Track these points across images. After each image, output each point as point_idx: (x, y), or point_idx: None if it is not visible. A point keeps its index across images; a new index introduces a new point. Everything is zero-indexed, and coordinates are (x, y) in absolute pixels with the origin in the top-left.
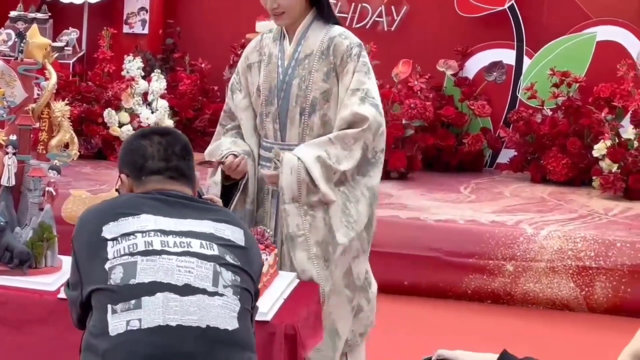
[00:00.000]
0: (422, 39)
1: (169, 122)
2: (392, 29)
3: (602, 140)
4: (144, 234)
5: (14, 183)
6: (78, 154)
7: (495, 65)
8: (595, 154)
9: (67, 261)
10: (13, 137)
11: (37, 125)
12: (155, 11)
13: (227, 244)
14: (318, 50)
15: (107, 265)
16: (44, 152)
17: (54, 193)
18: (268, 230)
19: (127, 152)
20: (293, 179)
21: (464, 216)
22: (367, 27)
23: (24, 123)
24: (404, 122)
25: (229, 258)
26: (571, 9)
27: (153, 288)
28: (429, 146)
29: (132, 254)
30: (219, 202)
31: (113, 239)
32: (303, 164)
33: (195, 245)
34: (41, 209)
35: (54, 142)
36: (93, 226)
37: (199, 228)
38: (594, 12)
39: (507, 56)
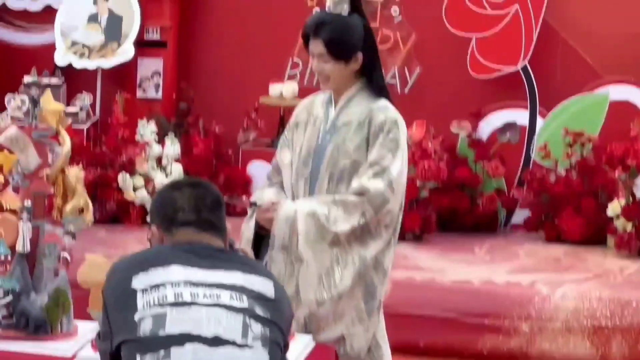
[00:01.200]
0: (436, 100)
1: None
2: (406, 91)
3: (616, 200)
4: (174, 285)
5: (29, 249)
6: (93, 219)
7: (509, 126)
8: (609, 213)
9: (83, 326)
10: (27, 203)
11: (52, 190)
12: (169, 75)
13: (257, 296)
14: (356, 120)
15: (136, 317)
16: (59, 217)
17: (69, 258)
18: None
19: (158, 203)
20: (286, 228)
21: (479, 277)
22: None
23: (38, 189)
24: (418, 183)
25: (258, 310)
26: (584, 68)
27: (182, 339)
28: (444, 207)
29: (162, 305)
30: (250, 253)
31: (143, 290)
32: (297, 215)
33: (225, 297)
34: (56, 275)
35: (68, 207)
36: (122, 277)
37: (229, 280)
38: (606, 71)
39: (521, 117)
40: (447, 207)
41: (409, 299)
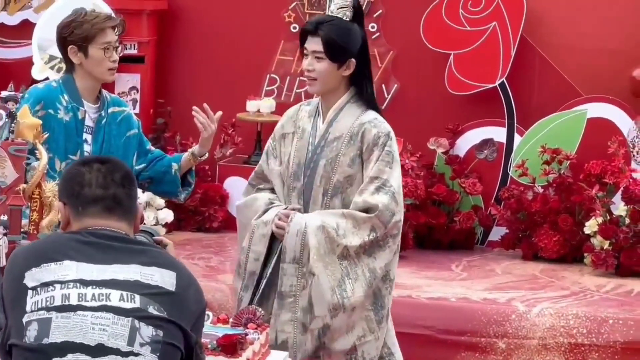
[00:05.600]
0: (413, 117)
1: (160, 202)
2: (383, 107)
3: (593, 217)
4: (63, 285)
5: (4, 264)
6: None
7: (486, 143)
8: (586, 230)
9: None
10: (4, 218)
11: (28, 205)
12: (146, 91)
13: (152, 293)
14: (347, 135)
15: (24, 319)
16: (35, 232)
17: None
18: (259, 310)
19: (65, 179)
20: (297, 241)
21: (455, 294)
22: None
23: (14, 203)
24: None
25: (152, 309)
26: (562, 86)
27: (65, 349)
28: (421, 224)
29: (48, 309)
30: (169, 243)
31: (33, 289)
32: (307, 229)
33: (115, 297)
34: None
35: (45, 222)
36: (18, 271)
37: (124, 275)
38: (584, 89)
39: (498, 134)
40: (424, 223)
41: None
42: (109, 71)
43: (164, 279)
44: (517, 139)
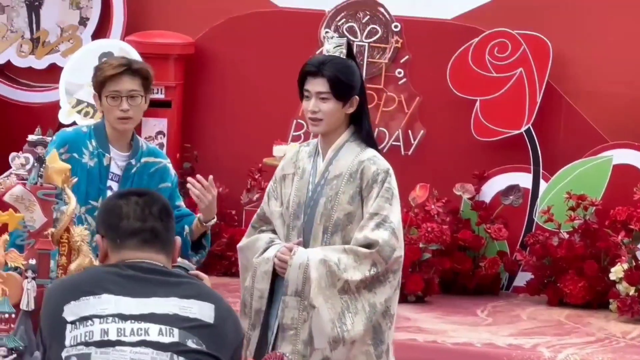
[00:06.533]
0: (439, 162)
1: (204, 277)
2: (409, 153)
3: (619, 264)
4: (102, 320)
5: (33, 307)
6: None
7: (512, 189)
8: (612, 277)
9: None
10: (32, 262)
11: (56, 249)
12: (173, 135)
13: (191, 326)
14: (347, 173)
15: (64, 354)
16: (63, 276)
17: None
18: (287, 355)
19: (103, 211)
20: (300, 274)
21: (481, 339)
22: (385, 151)
23: (43, 247)
24: (421, 245)
25: (191, 343)
26: (588, 132)
27: None
28: (446, 269)
29: (87, 344)
30: (205, 277)
31: (72, 322)
32: (309, 262)
33: (154, 332)
34: None
35: (73, 266)
36: (56, 304)
37: (162, 308)
38: (610, 135)
39: (524, 180)
40: (449, 269)
41: None
42: (118, 120)
43: (203, 311)
44: (543, 185)
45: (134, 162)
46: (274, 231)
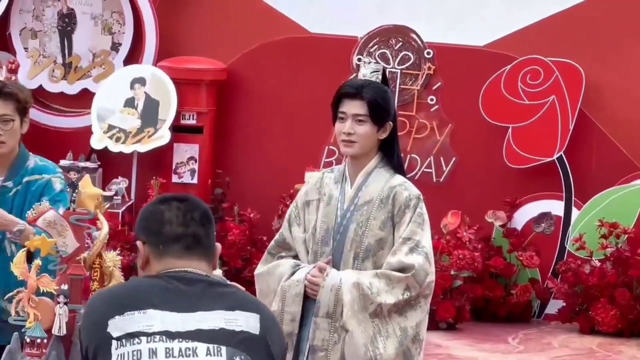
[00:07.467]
0: (471, 190)
1: (217, 272)
2: (441, 180)
3: None
4: (149, 338)
5: (65, 332)
6: None
7: (544, 217)
8: None
9: None
10: (64, 287)
11: (89, 274)
12: (205, 161)
13: (238, 341)
14: (377, 198)
15: None
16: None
17: None
18: None
19: (144, 217)
20: (332, 296)
21: None
22: (416, 177)
23: (75, 273)
24: (452, 272)
25: (238, 358)
26: (620, 159)
27: None
28: (478, 297)
29: None
30: (240, 288)
31: (118, 339)
32: (342, 285)
33: (202, 352)
34: None
35: None
36: (99, 317)
37: (208, 323)
38: None
39: (556, 207)
40: (481, 296)
41: None
42: None
43: (249, 322)
44: (575, 212)
45: (10, 184)
46: (294, 257)
